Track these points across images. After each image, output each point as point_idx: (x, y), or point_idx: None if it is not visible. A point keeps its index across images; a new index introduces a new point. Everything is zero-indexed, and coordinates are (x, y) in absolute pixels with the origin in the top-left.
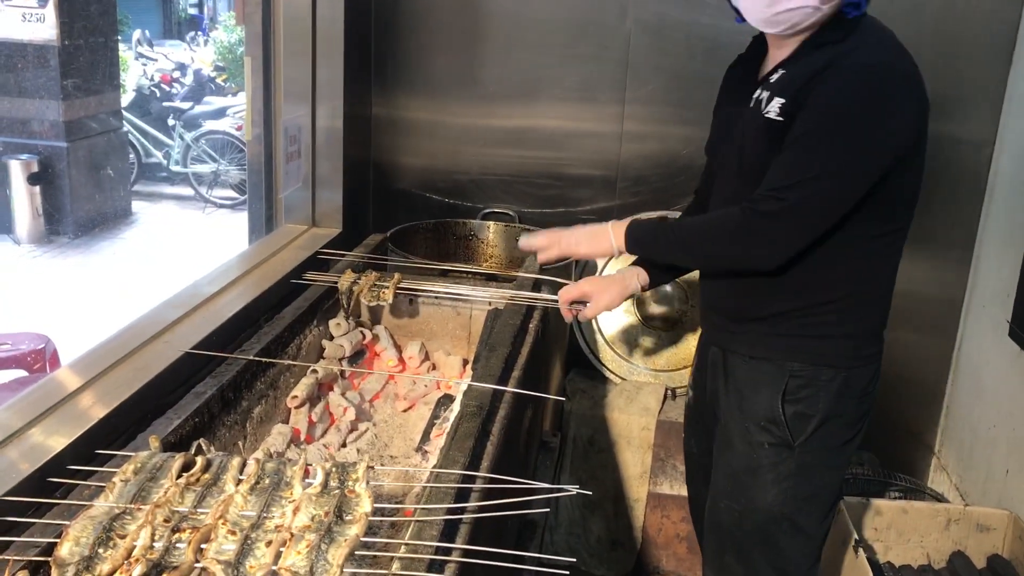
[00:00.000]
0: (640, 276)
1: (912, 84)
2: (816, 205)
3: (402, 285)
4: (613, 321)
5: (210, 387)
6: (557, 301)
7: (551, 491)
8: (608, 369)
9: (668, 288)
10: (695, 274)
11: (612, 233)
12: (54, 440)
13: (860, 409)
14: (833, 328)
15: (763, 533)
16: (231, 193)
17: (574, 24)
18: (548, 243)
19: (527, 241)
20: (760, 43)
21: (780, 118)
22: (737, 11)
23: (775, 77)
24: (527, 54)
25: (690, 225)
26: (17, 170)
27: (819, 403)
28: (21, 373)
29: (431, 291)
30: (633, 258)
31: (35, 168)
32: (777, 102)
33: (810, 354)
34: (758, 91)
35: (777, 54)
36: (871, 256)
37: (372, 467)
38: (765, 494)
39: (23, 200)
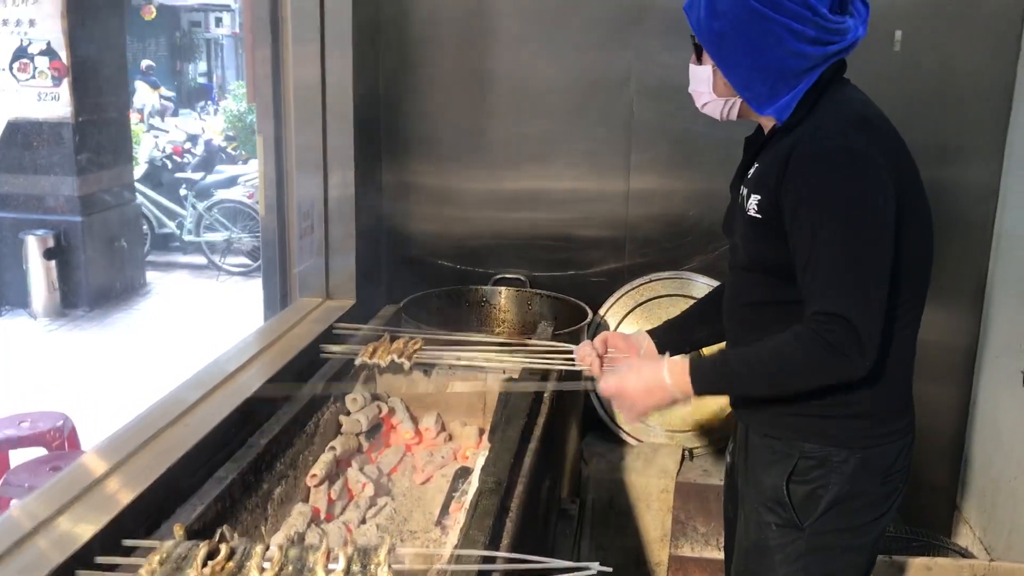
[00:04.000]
0: (648, 345)
1: (878, 151)
2: (866, 302)
3: (418, 355)
4: None
5: (231, 471)
6: (573, 363)
7: (571, 569)
8: (624, 431)
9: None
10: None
11: (671, 385)
12: (81, 528)
13: (884, 489)
14: (842, 408)
15: None
16: (244, 260)
17: (579, 90)
18: (609, 393)
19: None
20: None
21: (759, 215)
22: None
23: (751, 172)
24: (534, 119)
25: (760, 364)
26: (34, 246)
27: (831, 483)
28: (41, 451)
29: (446, 362)
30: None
31: (51, 243)
32: (755, 199)
33: (819, 435)
34: (743, 186)
35: (767, 134)
36: (883, 332)
37: (392, 550)
38: (774, 574)
39: (39, 275)
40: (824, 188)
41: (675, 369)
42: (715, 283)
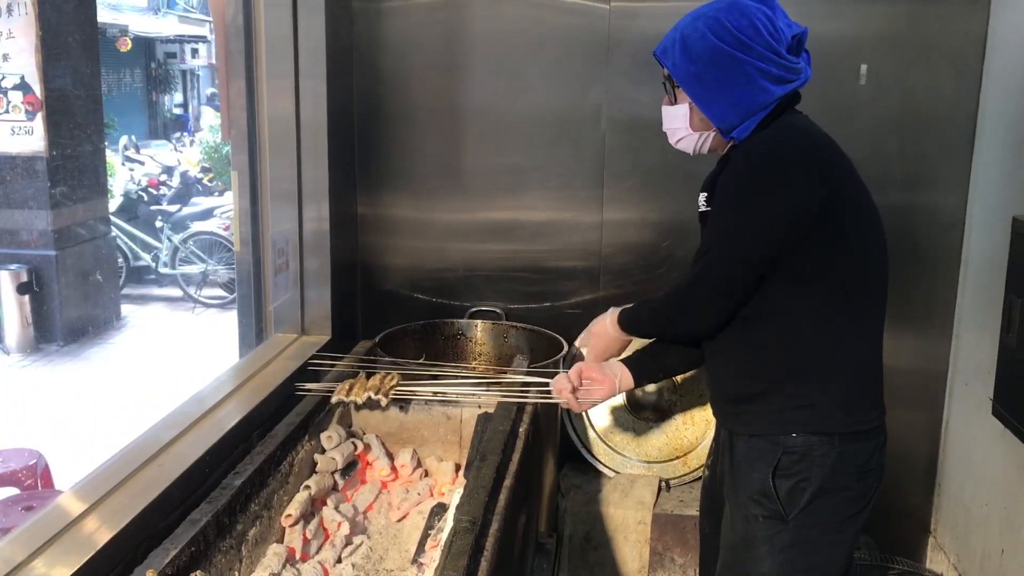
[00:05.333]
0: (624, 375)
1: (797, 161)
2: (719, 269)
3: (395, 391)
4: (603, 414)
5: (205, 513)
6: (549, 395)
7: None
8: (601, 463)
9: None
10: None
11: (609, 321)
12: (56, 572)
13: (863, 485)
14: (818, 396)
15: None
16: (220, 292)
17: (552, 122)
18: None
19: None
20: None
21: (707, 208)
22: None
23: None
24: (508, 151)
25: (656, 299)
26: (6, 281)
27: (812, 476)
28: (13, 490)
29: (422, 397)
30: None
31: (24, 278)
32: (702, 196)
33: (800, 424)
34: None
35: None
36: (835, 327)
37: None
38: (760, 565)
39: (12, 310)
40: (735, 180)
41: (614, 312)
42: None
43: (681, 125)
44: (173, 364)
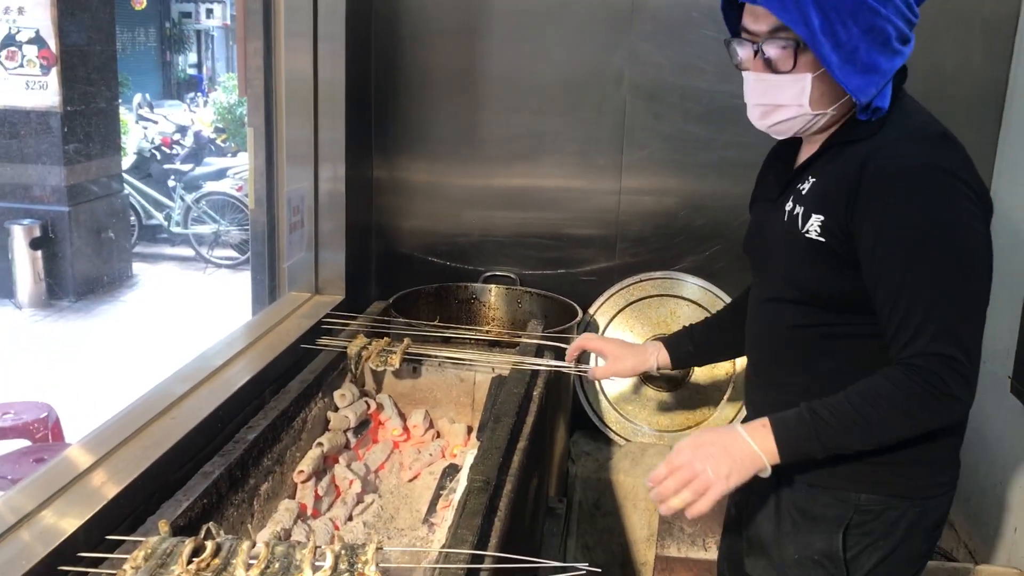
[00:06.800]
0: (661, 355)
1: (964, 169)
2: (968, 337)
3: (407, 351)
4: (616, 382)
5: (218, 466)
6: (561, 365)
7: (561, 569)
8: (612, 430)
9: None
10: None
11: (758, 449)
12: (65, 522)
13: (925, 546)
14: (907, 454)
15: None
16: (231, 253)
17: (572, 89)
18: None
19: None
20: None
21: (821, 239)
22: None
23: (806, 188)
24: (526, 117)
25: (855, 413)
26: (19, 235)
27: (886, 538)
28: (25, 442)
29: (437, 356)
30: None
31: (37, 233)
32: (816, 220)
33: (877, 485)
34: (790, 203)
35: (808, 148)
36: None
37: (381, 548)
38: None
39: (25, 265)
40: (914, 214)
41: (753, 428)
42: (706, 284)
43: (794, 101)
44: (184, 322)
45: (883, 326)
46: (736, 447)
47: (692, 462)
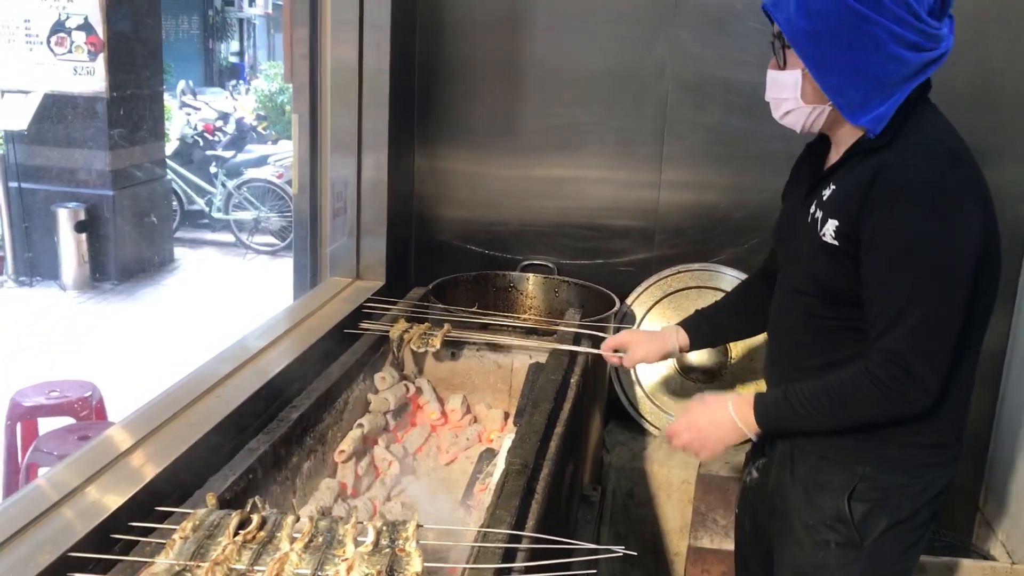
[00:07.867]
0: (680, 336)
1: (968, 190)
2: (931, 347)
3: (447, 336)
4: (652, 373)
5: (263, 443)
6: (599, 352)
7: (596, 552)
8: (647, 421)
9: None
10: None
11: (740, 423)
12: (111, 498)
13: (929, 512)
14: (904, 436)
15: None
16: (271, 240)
17: (613, 79)
18: (675, 432)
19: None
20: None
21: (835, 242)
22: None
23: (827, 193)
24: (567, 107)
25: (817, 397)
26: (64, 218)
27: (890, 503)
28: (69, 420)
29: (476, 341)
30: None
31: (82, 216)
32: (831, 225)
33: (880, 459)
34: (813, 206)
35: (835, 150)
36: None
37: (422, 525)
38: None
39: (70, 247)
40: (908, 226)
41: (739, 403)
42: (744, 276)
43: (790, 95)
44: (225, 307)
45: (866, 318)
46: (722, 419)
47: (682, 433)
